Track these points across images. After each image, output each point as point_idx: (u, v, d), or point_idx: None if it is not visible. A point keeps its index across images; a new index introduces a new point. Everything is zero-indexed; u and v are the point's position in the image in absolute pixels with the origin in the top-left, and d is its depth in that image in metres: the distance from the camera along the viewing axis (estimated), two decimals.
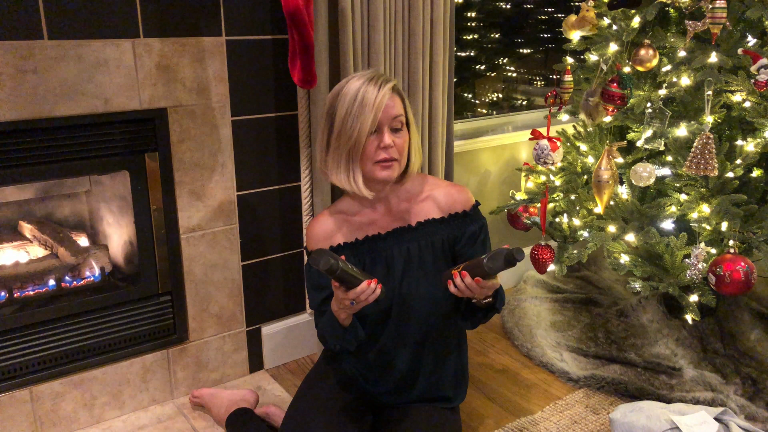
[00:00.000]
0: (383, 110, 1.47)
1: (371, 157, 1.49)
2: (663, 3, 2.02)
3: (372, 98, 1.46)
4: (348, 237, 1.60)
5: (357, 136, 1.47)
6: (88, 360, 1.95)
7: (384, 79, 1.50)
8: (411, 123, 1.55)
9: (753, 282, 1.82)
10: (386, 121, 1.48)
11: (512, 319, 2.59)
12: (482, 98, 3.37)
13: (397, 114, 1.49)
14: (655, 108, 1.99)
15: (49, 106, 1.72)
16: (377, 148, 1.48)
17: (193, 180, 1.99)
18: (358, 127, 1.46)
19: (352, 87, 1.49)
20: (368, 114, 1.45)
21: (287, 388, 2.20)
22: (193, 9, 1.86)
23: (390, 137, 1.48)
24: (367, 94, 1.46)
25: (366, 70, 1.56)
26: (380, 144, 1.48)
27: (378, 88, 1.47)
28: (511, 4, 3.25)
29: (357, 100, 1.47)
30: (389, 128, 1.49)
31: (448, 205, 1.61)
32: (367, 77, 1.49)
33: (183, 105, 1.92)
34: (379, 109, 1.46)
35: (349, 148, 1.48)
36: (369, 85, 1.47)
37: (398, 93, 1.52)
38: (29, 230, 2.06)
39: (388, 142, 1.48)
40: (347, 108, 1.48)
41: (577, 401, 2.11)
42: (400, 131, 1.51)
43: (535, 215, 2.51)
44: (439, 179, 1.69)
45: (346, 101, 1.48)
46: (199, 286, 2.09)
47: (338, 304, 1.43)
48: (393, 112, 1.48)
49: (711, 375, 2.14)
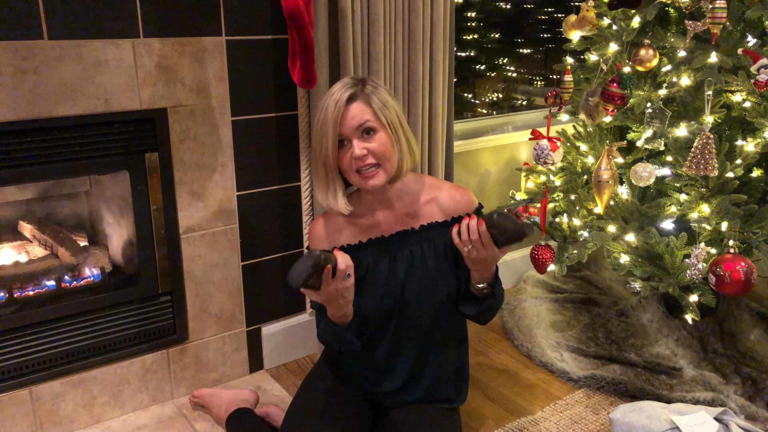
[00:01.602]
0: (341, 123, 1.46)
1: (350, 168, 1.49)
2: (663, 3, 2.02)
3: (330, 114, 1.46)
4: (351, 239, 1.60)
5: (324, 151, 1.48)
6: (88, 360, 1.95)
7: (346, 89, 1.48)
8: (392, 122, 1.51)
9: (753, 282, 1.82)
10: (349, 132, 1.47)
11: (512, 319, 2.59)
12: (482, 98, 3.37)
13: (360, 122, 1.47)
14: (655, 108, 1.99)
15: (49, 106, 1.72)
16: (351, 158, 1.48)
17: (193, 180, 1.99)
18: (324, 144, 1.48)
19: (322, 104, 1.50)
20: (329, 131, 1.46)
21: (287, 388, 2.20)
22: (193, 9, 1.86)
23: (360, 146, 1.47)
24: (327, 110, 1.47)
25: (345, 79, 1.53)
26: (352, 154, 1.47)
27: (335, 102, 1.46)
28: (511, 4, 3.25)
29: (321, 118, 1.48)
30: (358, 137, 1.47)
31: (452, 208, 1.61)
32: (334, 89, 1.49)
33: (183, 105, 1.92)
34: (335, 124, 1.45)
35: (322, 162, 1.50)
36: (330, 100, 1.47)
37: (362, 98, 1.48)
38: (29, 230, 2.06)
39: (357, 152, 1.46)
40: (315, 126, 1.51)
41: (577, 401, 2.11)
42: (372, 136, 1.48)
43: (535, 215, 2.51)
44: (439, 180, 1.68)
45: (317, 119, 1.50)
46: (199, 286, 2.09)
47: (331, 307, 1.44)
48: (353, 123, 1.46)
49: (711, 375, 2.14)
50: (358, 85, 1.49)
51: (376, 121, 1.48)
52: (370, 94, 1.49)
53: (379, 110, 1.49)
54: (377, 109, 1.49)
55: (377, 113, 1.49)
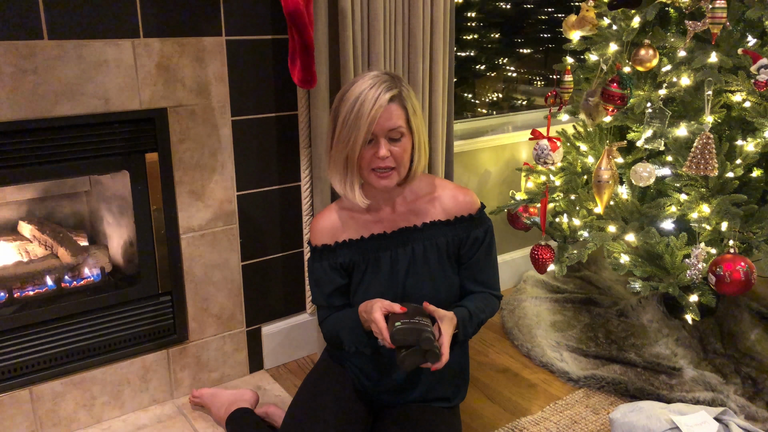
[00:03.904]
0: (377, 123, 1.45)
1: (368, 165, 1.49)
2: (663, 3, 2.02)
3: (367, 110, 1.43)
4: (353, 234, 1.61)
5: (352, 145, 1.46)
6: (88, 360, 1.95)
7: (387, 86, 1.46)
8: (417, 129, 1.52)
9: (753, 282, 1.82)
10: (381, 132, 1.46)
11: (512, 319, 2.59)
12: (482, 98, 3.37)
13: (394, 126, 1.46)
14: (655, 108, 1.99)
15: (49, 106, 1.72)
16: (373, 157, 1.48)
17: (193, 180, 1.99)
18: (353, 138, 1.46)
19: (354, 92, 1.46)
20: (362, 126, 1.44)
21: (287, 388, 2.20)
22: (193, 9, 1.86)
23: (386, 148, 1.47)
24: (364, 103, 1.44)
25: (375, 71, 1.51)
26: (376, 154, 1.47)
27: (375, 99, 1.43)
28: (511, 4, 3.25)
29: (354, 109, 1.45)
30: (386, 138, 1.47)
31: (454, 208, 1.61)
32: (370, 82, 1.46)
33: (183, 105, 1.92)
34: (372, 122, 1.44)
35: (346, 154, 1.48)
36: (368, 93, 1.44)
37: (400, 101, 1.47)
38: (29, 230, 2.06)
39: (383, 153, 1.46)
40: (345, 115, 1.47)
41: (577, 401, 2.11)
42: (398, 141, 1.48)
43: (535, 215, 2.51)
44: (446, 181, 1.69)
45: (346, 107, 1.46)
46: (199, 286, 2.09)
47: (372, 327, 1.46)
48: (388, 124, 1.46)
49: (711, 375, 2.14)
50: (397, 86, 1.48)
51: (406, 126, 1.49)
52: (406, 98, 1.49)
53: (411, 116, 1.50)
54: (410, 114, 1.50)
55: (409, 119, 1.49)
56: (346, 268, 1.61)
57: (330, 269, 1.60)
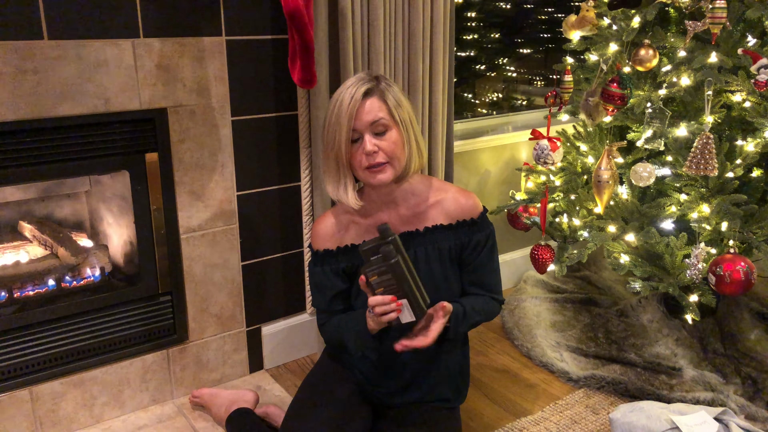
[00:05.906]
0: (356, 118, 1.45)
1: (360, 165, 1.49)
2: (663, 3, 2.02)
3: (345, 107, 1.45)
4: (356, 239, 1.60)
5: (337, 145, 1.47)
6: (88, 360, 1.95)
7: (363, 82, 1.47)
8: (404, 121, 1.51)
9: (753, 282, 1.82)
10: (363, 127, 1.46)
11: (512, 319, 2.59)
12: (482, 98, 3.37)
13: (375, 118, 1.46)
14: (655, 108, 1.99)
15: (49, 106, 1.72)
16: (363, 155, 1.47)
17: (193, 180, 1.99)
18: (336, 137, 1.47)
19: (335, 95, 1.49)
20: (343, 124, 1.45)
21: (287, 388, 2.20)
22: (193, 9, 1.86)
23: (372, 142, 1.46)
24: (342, 103, 1.45)
25: (360, 73, 1.53)
26: (363, 150, 1.47)
27: (351, 96, 1.45)
28: (511, 4, 3.25)
29: (334, 110, 1.47)
30: (371, 133, 1.47)
31: (456, 212, 1.60)
32: (349, 83, 1.49)
33: (183, 105, 1.92)
34: (350, 118, 1.45)
35: (335, 155, 1.49)
36: (345, 93, 1.46)
37: (378, 94, 1.48)
38: (29, 230, 2.06)
39: (368, 148, 1.46)
40: (328, 118, 1.50)
41: (577, 401, 2.11)
42: (385, 134, 1.48)
43: (535, 215, 2.51)
44: (446, 183, 1.68)
45: (329, 111, 1.49)
46: (199, 286, 2.09)
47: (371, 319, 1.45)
48: (368, 118, 1.46)
49: (711, 375, 2.14)
50: (374, 81, 1.49)
51: (389, 118, 1.48)
52: (385, 90, 1.49)
53: (394, 108, 1.49)
54: (392, 106, 1.49)
55: (392, 111, 1.49)
56: (348, 273, 1.61)
57: (331, 274, 1.60)
